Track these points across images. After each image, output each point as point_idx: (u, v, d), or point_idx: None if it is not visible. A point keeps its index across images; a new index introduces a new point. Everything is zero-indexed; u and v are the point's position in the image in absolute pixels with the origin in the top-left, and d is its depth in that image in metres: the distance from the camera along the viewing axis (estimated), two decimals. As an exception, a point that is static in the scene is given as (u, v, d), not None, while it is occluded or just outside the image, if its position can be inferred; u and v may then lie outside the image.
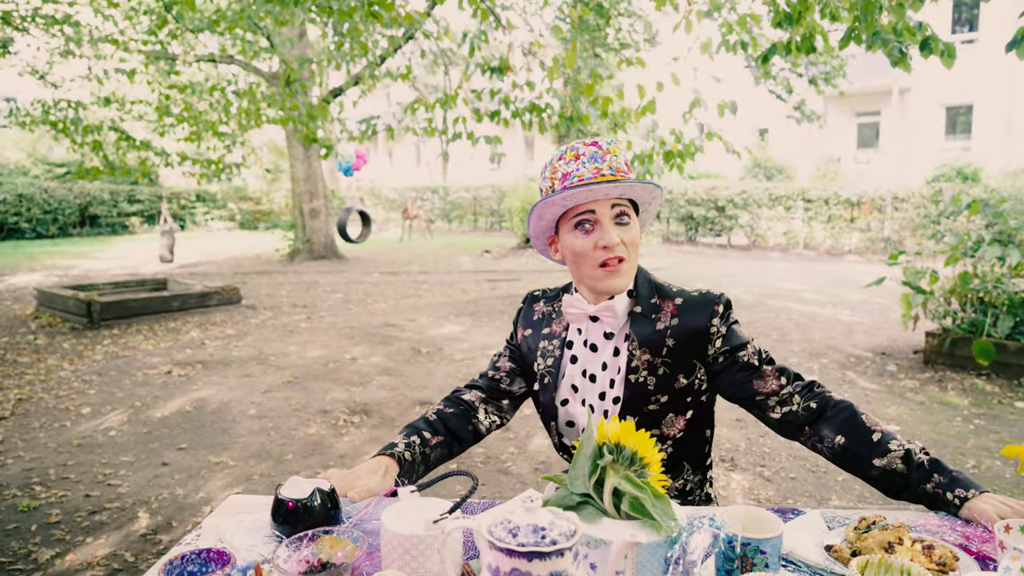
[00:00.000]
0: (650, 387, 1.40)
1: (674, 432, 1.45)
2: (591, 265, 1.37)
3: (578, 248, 1.37)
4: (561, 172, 1.37)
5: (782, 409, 1.37)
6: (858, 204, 14.98)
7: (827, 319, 7.67)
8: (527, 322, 1.61)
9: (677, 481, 1.51)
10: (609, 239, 1.34)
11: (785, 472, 3.57)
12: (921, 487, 1.22)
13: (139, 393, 4.87)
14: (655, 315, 1.43)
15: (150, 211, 22.24)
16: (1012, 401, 4.64)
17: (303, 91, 7.20)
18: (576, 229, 1.37)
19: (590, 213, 1.35)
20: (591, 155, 1.36)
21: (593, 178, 1.34)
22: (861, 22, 2.66)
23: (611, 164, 1.36)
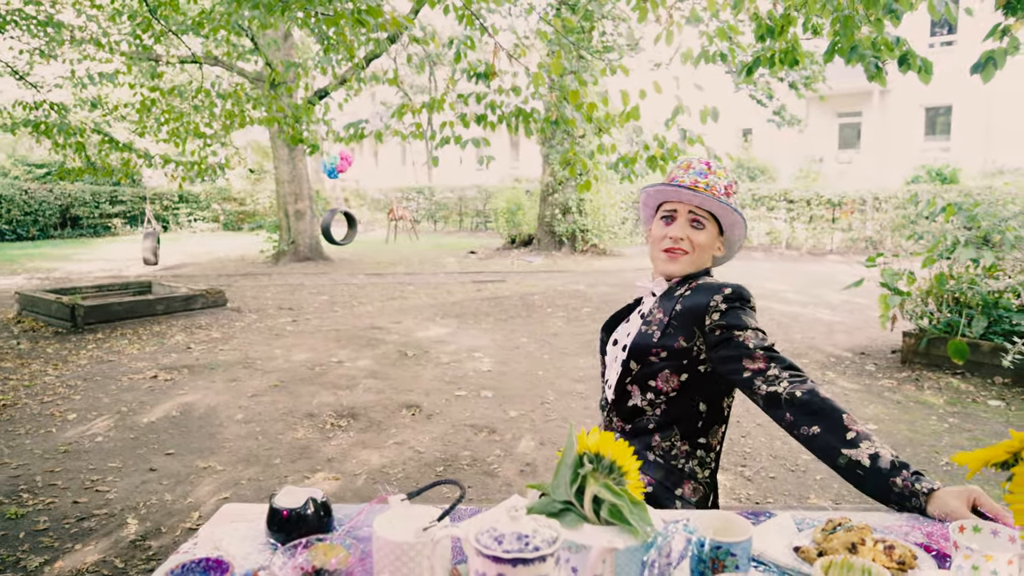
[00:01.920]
0: (654, 340, 1.63)
1: (668, 389, 1.63)
2: (658, 248, 1.70)
3: (656, 233, 1.72)
4: (672, 174, 1.72)
5: (767, 388, 1.47)
6: (839, 205, 15.17)
7: (808, 319, 7.79)
8: None
9: (665, 442, 1.64)
10: (677, 232, 1.67)
11: (765, 472, 3.65)
12: (891, 480, 1.28)
13: (125, 398, 4.87)
14: (680, 287, 1.71)
15: (133, 212, 22.09)
16: (986, 400, 4.75)
17: (288, 93, 7.21)
18: (661, 219, 1.71)
19: (673, 211, 1.69)
20: (699, 170, 1.68)
21: (689, 186, 1.65)
22: (841, 37, 2.73)
23: (710, 182, 1.67)
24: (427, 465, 3.75)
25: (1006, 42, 2.60)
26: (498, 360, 5.92)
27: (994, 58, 2.64)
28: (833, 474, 3.56)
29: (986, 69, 2.65)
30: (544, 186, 15.58)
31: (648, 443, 1.64)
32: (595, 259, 14.74)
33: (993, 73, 2.63)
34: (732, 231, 1.74)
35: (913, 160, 20.02)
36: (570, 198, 15.15)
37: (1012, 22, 2.54)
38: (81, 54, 8.48)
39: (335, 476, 3.61)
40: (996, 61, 2.63)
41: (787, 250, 15.97)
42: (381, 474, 3.63)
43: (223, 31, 7.36)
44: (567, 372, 5.59)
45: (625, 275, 12.10)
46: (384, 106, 24.93)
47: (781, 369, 1.48)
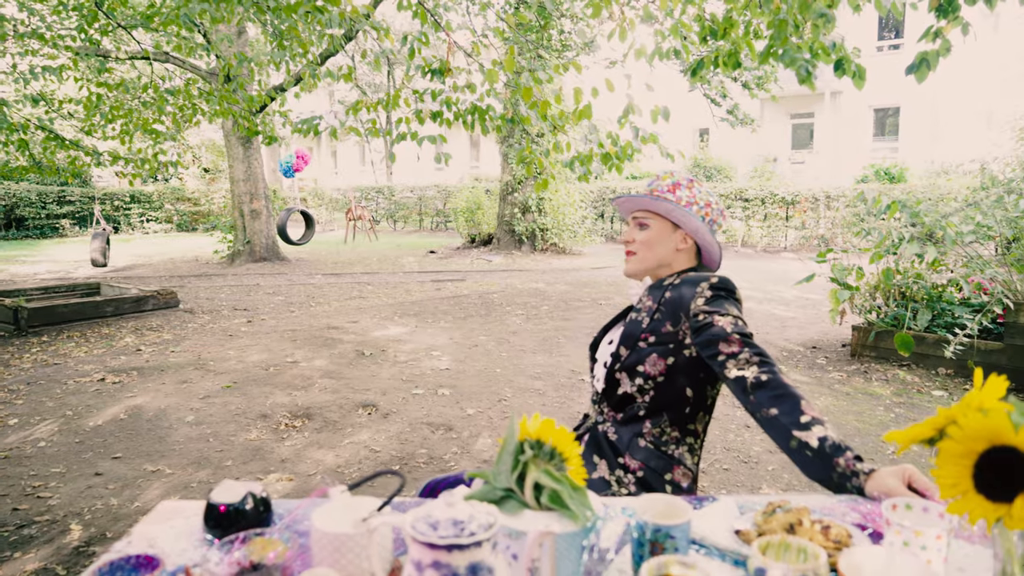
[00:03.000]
0: (643, 326, 1.71)
1: (655, 373, 1.68)
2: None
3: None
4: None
5: (736, 371, 1.53)
6: (793, 203, 15.49)
7: (763, 315, 7.93)
8: None
9: (655, 428, 1.70)
10: (625, 236, 1.87)
11: (719, 464, 3.70)
12: (834, 460, 1.33)
13: (70, 402, 4.73)
14: (667, 279, 1.80)
15: (82, 213, 21.46)
16: (930, 390, 4.90)
17: (242, 88, 7.08)
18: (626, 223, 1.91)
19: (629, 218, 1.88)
20: (649, 181, 1.87)
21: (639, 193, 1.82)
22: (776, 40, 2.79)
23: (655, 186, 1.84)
24: (383, 464, 3.71)
25: (939, 44, 2.68)
26: (456, 358, 5.90)
27: (927, 59, 2.72)
28: (784, 464, 3.64)
29: (920, 70, 2.72)
30: (504, 185, 15.59)
31: (639, 430, 1.70)
32: (554, 258, 14.80)
33: (927, 74, 2.71)
34: (687, 224, 1.79)
35: (863, 160, 20.57)
36: (530, 197, 15.19)
37: (944, 24, 2.62)
38: (24, 48, 8.19)
39: (289, 477, 3.55)
40: (929, 62, 2.71)
41: (743, 248, 16.25)
42: (336, 474, 3.59)
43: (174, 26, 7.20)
44: (525, 369, 5.59)
45: (583, 274, 12.17)
46: (341, 104, 24.67)
47: (752, 354, 1.55)
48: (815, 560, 0.90)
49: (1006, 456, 0.78)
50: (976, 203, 4.79)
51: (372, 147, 26.92)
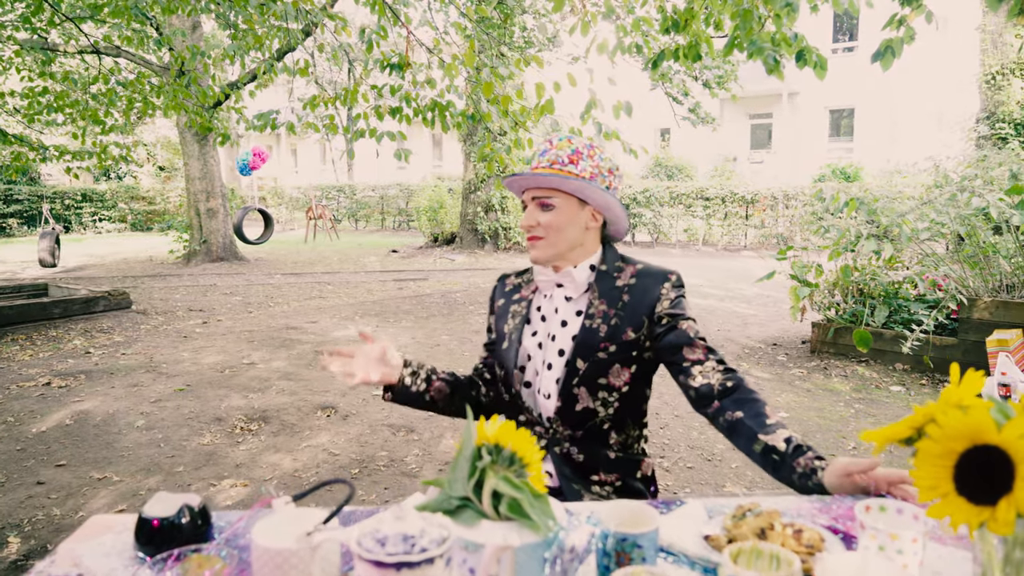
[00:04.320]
0: (601, 334, 1.55)
1: (620, 384, 1.57)
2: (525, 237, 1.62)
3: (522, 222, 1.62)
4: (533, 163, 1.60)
5: (701, 379, 1.51)
6: (752, 202, 15.69)
7: (725, 312, 7.99)
8: (500, 294, 1.78)
9: (620, 436, 1.61)
10: (527, 220, 1.58)
11: (683, 462, 3.69)
12: (796, 461, 1.33)
13: (12, 407, 4.52)
14: (616, 274, 1.62)
15: (30, 212, 20.74)
16: (888, 385, 4.96)
17: (195, 82, 6.87)
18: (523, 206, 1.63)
19: (525, 199, 1.61)
20: (543, 149, 1.60)
21: (535, 167, 1.56)
22: (741, 31, 2.78)
23: (551, 157, 1.56)
24: (342, 468, 3.61)
25: (903, 31, 2.69)
26: (418, 358, 5.79)
27: (892, 47, 2.73)
28: (747, 462, 3.64)
29: (885, 57, 2.73)
30: (466, 184, 15.49)
31: (605, 442, 1.60)
32: (517, 256, 14.76)
33: (892, 61, 2.72)
34: (596, 200, 1.57)
35: (820, 160, 20.94)
36: (492, 196, 15.12)
37: (908, 12, 2.64)
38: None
39: (244, 483, 3.43)
40: (894, 49, 2.72)
41: (704, 246, 16.41)
42: (293, 479, 3.48)
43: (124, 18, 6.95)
44: (489, 369, 5.53)
45: (548, 272, 12.12)
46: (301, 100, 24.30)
47: (716, 362, 1.53)
48: (789, 567, 0.85)
49: (988, 456, 0.74)
50: (931, 201, 4.87)
51: (333, 145, 26.55)
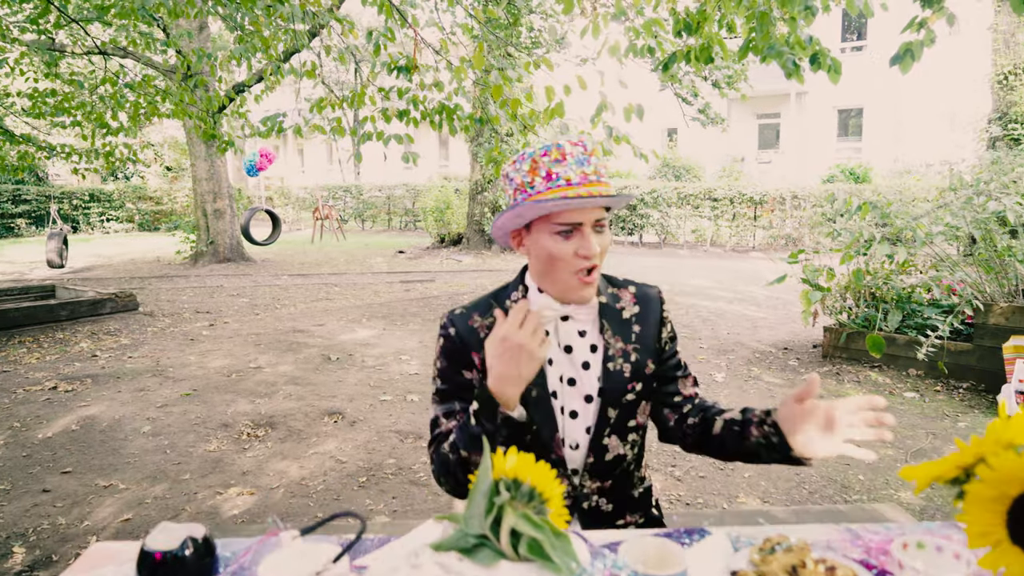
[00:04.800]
0: (626, 375, 1.41)
1: (643, 420, 1.48)
2: (567, 271, 1.34)
3: (557, 253, 1.33)
4: (545, 170, 1.32)
5: (692, 419, 1.47)
6: (761, 203, 15.61)
7: (734, 315, 7.92)
8: (477, 342, 1.40)
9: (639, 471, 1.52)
10: (590, 249, 1.31)
11: (695, 471, 3.63)
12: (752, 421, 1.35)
13: (19, 412, 4.49)
14: (618, 304, 1.46)
15: (38, 212, 20.80)
16: (901, 392, 4.89)
17: (202, 85, 6.85)
18: (557, 234, 1.33)
19: (578, 224, 1.32)
20: (578, 158, 1.33)
21: (581, 183, 1.30)
22: (757, 34, 2.72)
23: (596, 168, 1.34)
24: (349, 475, 3.57)
25: (923, 34, 2.63)
26: (425, 362, 5.76)
27: (912, 50, 2.67)
28: (760, 472, 3.58)
29: (904, 61, 2.68)
30: (473, 184, 15.45)
31: (631, 483, 1.50)
32: (524, 257, 14.68)
33: (911, 64, 2.66)
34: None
35: (828, 160, 20.83)
36: (499, 197, 15.07)
37: (929, 15, 2.58)
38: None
39: (250, 491, 3.40)
40: (914, 53, 2.67)
41: (712, 247, 16.33)
42: (300, 487, 3.44)
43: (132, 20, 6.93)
44: (496, 373, 5.48)
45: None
46: (308, 101, 24.32)
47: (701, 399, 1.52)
48: (826, 614, 0.81)
49: (1046, 503, 0.69)
50: (946, 204, 4.80)
51: (340, 146, 26.55)
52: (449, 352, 1.42)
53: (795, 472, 3.57)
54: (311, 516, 3.13)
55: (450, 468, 1.33)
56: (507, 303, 1.44)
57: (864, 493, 3.33)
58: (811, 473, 3.57)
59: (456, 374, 1.41)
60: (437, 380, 1.44)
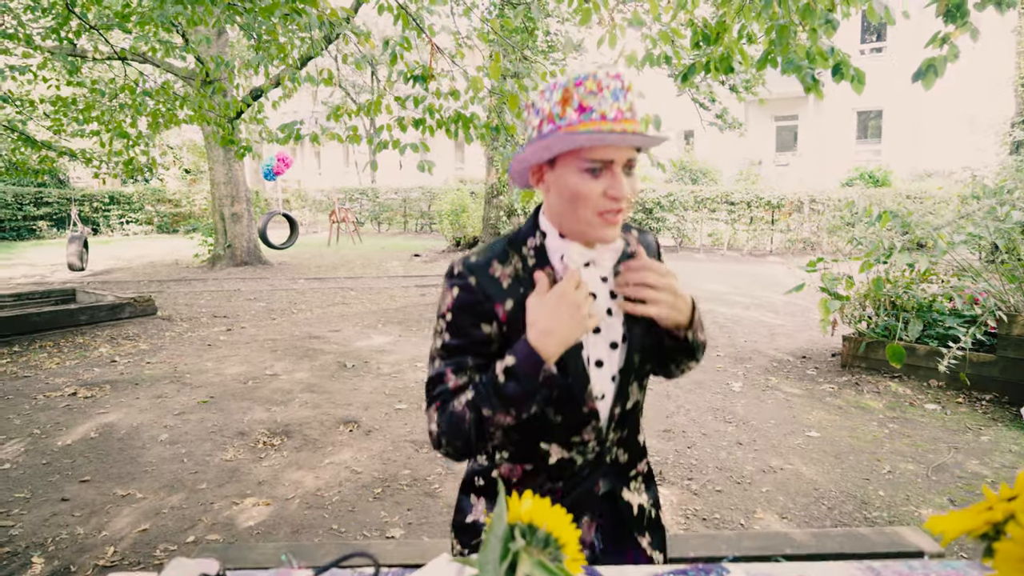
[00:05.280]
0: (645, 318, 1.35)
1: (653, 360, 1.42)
2: (591, 210, 1.24)
3: (583, 191, 1.23)
4: (579, 101, 1.21)
5: None
6: (778, 207, 15.48)
7: (751, 321, 7.86)
8: (500, 293, 1.29)
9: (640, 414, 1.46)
10: (620, 190, 1.22)
11: (712, 485, 3.60)
12: None
13: (39, 419, 4.54)
14: (628, 248, 1.41)
15: (59, 215, 21.08)
16: (923, 403, 4.82)
17: (220, 92, 6.90)
18: (586, 171, 1.22)
19: (609, 162, 1.22)
20: (614, 91, 1.21)
21: (617, 118, 1.20)
22: (776, 46, 2.69)
23: (631, 104, 1.23)
24: (364, 487, 3.57)
25: (946, 50, 2.59)
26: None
27: (935, 65, 2.63)
28: (778, 486, 3.54)
29: (927, 76, 2.63)
30: (489, 188, 15.45)
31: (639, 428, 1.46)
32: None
33: (934, 81, 2.62)
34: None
35: (847, 162, 20.64)
36: (515, 200, 15.06)
37: (952, 30, 2.54)
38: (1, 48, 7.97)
39: (266, 501, 3.41)
40: (936, 68, 2.62)
41: (728, 251, 16.22)
42: (315, 497, 3.45)
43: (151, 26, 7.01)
44: (512, 381, 5.47)
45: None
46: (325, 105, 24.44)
47: None
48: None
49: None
50: (969, 215, 4.73)
51: (356, 148, 26.69)
52: (466, 304, 1.28)
53: (813, 488, 3.53)
54: (326, 529, 3.14)
55: (463, 428, 1.23)
56: (524, 249, 1.34)
57: (884, 509, 3.28)
58: (830, 488, 3.52)
59: (473, 327, 1.28)
60: (444, 335, 1.30)
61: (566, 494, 1.36)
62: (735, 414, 4.69)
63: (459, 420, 1.22)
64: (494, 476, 1.41)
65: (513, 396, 1.20)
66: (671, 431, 4.35)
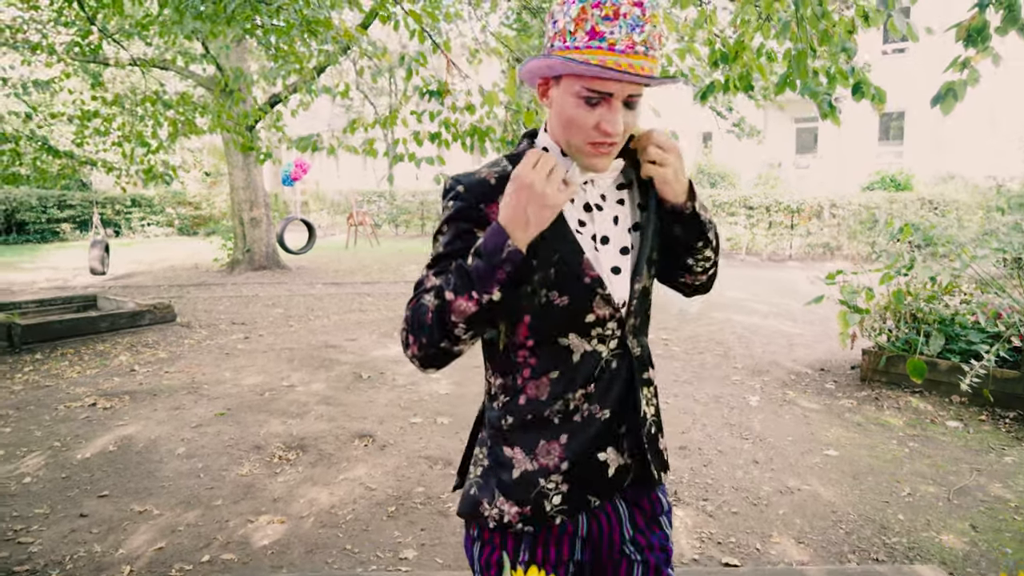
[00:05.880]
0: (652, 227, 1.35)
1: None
2: (581, 139, 1.23)
3: (576, 119, 1.21)
4: (591, 25, 1.16)
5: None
6: (798, 211, 15.34)
7: (769, 331, 7.79)
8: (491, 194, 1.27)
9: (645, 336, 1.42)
10: (614, 127, 1.19)
11: (728, 506, 3.56)
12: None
13: (59, 431, 4.60)
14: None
15: (82, 217, 21.35)
16: (944, 420, 4.75)
17: (238, 103, 6.96)
18: (583, 99, 1.19)
19: (608, 94, 1.18)
20: (633, 20, 1.15)
21: (626, 51, 1.15)
22: (795, 70, 2.66)
23: (647, 38, 1.17)
24: (378, 504, 3.58)
25: (966, 74, 2.54)
26: (455, 381, 5.75)
27: (954, 90, 2.58)
28: (795, 508, 3.50)
29: (946, 101, 2.59)
30: (506, 192, 15.45)
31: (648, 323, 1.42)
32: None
33: (953, 105, 2.57)
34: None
35: (868, 165, 20.39)
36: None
37: (973, 54, 2.49)
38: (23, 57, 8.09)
39: (280, 519, 3.42)
40: (956, 93, 2.58)
41: (747, 256, 16.09)
42: (329, 515, 3.46)
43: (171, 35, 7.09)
44: (527, 394, 5.45)
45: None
46: (343, 108, 24.54)
47: None
48: None
49: None
50: (993, 231, 4.65)
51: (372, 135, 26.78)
52: (459, 212, 1.27)
53: (831, 511, 3.49)
54: (340, 549, 3.15)
55: (427, 320, 1.20)
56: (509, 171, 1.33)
57: (904, 535, 3.23)
58: (848, 511, 3.48)
59: (467, 234, 1.26)
60: (438, 247, 1.28)
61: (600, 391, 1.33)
62: (752, 430, 4.64)
63: (424, 311, 1.20)
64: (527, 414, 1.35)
65: (475, 273, 1.16)
66: (687, 448, 4.32)
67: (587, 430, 1.33)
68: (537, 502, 1.33)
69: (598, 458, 1.35)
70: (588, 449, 1.34)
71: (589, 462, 1.34)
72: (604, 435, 1.35)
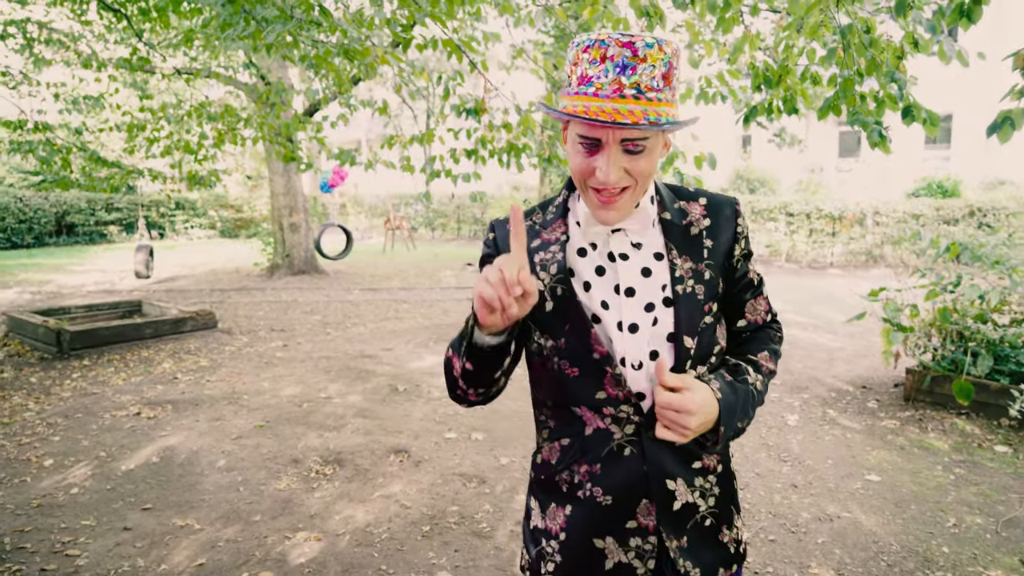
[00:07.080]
0: (700, 296, 1.26)
1: (724, 343, 1.34)
2: (583, 188, 1.21)
3: (575, 165, 1.19)
4: (582, 70, 1.13)
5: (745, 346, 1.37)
6: (840, 218, 15.04)
7: (809, 344, 7.65)
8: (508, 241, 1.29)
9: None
10: (604, 174, 1.14)
11: (765, 533, 3.51)
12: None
13: (105, 441, 4.73)
14: (685, 220, 1.30)
15: (129, 220, 21.95)
16: (992, 444, 4.61)
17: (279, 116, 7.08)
18: (579, 145, 1.17)
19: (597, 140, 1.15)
20: (621, 62, 1.10)
21: (612, 96, 1.10)
22: (841, 98, 2.61)
23: (639, 79, 1.10)
24: (413, 523, 3.60)
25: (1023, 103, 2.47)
26: (491, 394, 5.76)
27: (1012, 118, 2.51)
28: (835, 537, 3.44)
29: (1003, 130, 2.52)
30: (542, 197, 15.44)
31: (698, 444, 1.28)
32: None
33: (1011, 134, 2.50)
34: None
35: (914, 169, 19.89)
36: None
37: (1030, 83, 2.42)
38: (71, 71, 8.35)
39: (317, 536, 3.47)
40: (1015, 122, 2.50)
41: (787, 263, 15.83)
42: (365, 534, 3.49)
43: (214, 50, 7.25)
44: (561, 409, 5.44)
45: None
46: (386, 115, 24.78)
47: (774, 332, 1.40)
48: None
49: None
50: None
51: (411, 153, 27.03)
52: (484, 259, 1.35)
53: (873, 540, 3.41)
54: (375, 569, 3.18)
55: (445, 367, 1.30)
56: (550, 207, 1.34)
57: (949, 569, 3.15)
58: (890, 541, 3.40)
59: None
60: None
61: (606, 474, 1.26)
62: (790, 452, 4.57)
63: (446, 358, 1.30)
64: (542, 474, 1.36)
65: (459, 339, 1.23)
66: (723, 470, 4.26)
67: (587, 511, 1.27)
68: (537, 561, 1.34)
69: (594, 544, 1.27)
70: (586, 530, 1.27)
71: (583, 544, 1.27)
72: (604, 522, 1.26)
